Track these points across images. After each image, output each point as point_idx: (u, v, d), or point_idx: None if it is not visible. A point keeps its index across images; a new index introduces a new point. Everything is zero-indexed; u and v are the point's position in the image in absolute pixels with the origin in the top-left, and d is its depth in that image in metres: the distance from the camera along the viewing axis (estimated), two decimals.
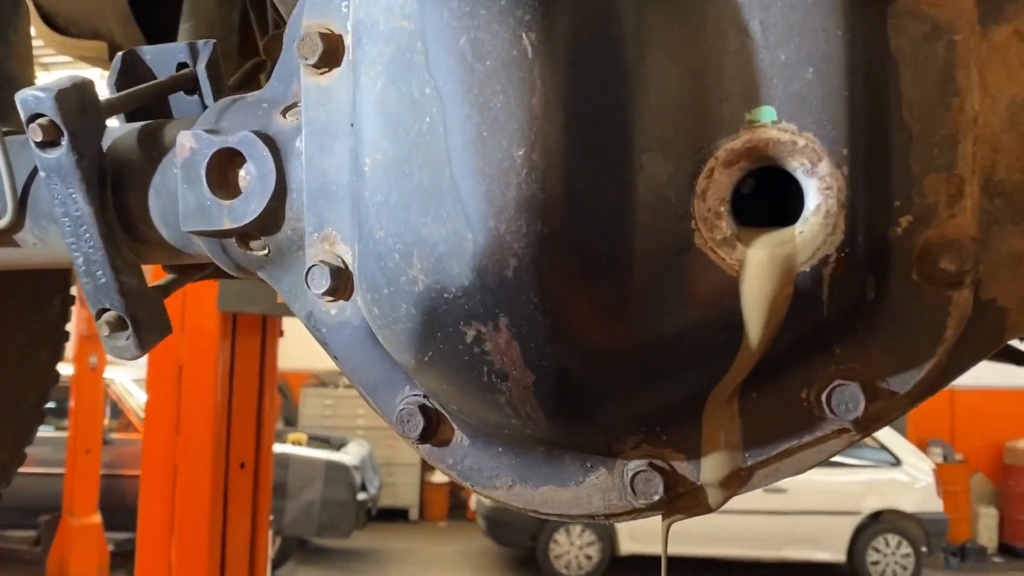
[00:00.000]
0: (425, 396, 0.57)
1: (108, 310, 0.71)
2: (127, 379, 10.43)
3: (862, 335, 0.49)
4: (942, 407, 13.13)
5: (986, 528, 12.12)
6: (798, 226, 0.46)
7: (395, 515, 12.87)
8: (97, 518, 8.86)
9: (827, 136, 0.44)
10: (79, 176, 0.67)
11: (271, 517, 4.38)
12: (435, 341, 0.49)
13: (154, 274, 0.83)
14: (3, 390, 1.37)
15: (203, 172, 0.64)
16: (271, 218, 0.63)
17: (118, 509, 9.09)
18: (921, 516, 10.36)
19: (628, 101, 0.45)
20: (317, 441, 10.97)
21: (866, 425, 0.48)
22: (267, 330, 3.81)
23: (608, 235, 0.46)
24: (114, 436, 9.76)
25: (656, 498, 0.52)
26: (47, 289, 1.43)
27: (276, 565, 9.66)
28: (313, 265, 0.59)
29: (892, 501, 10.44)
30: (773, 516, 10.15)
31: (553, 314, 0.46)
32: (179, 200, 0.65)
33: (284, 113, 0.65)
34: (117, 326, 0.72)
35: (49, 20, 1.82)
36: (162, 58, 0.79)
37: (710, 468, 0.52)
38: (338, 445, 10.93)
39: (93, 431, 8.90)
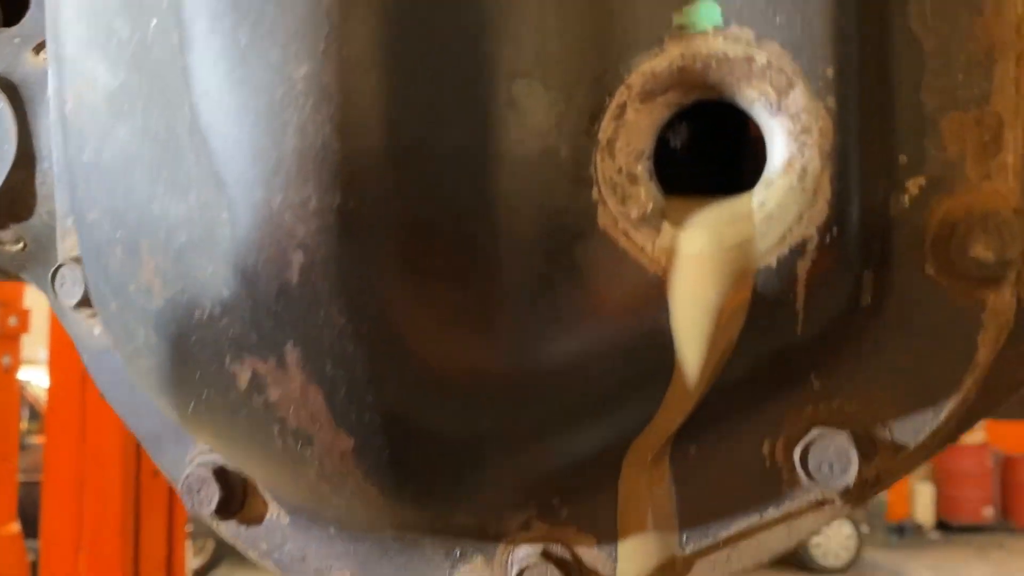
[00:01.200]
0: (215, 456, 0.39)
1: None
2: (44, 380, 9.99)
3: (852, 359, 0.32)
4: None
5: (923, 505, 12.36)
6: (758, 193, 0.29)
7: None
8: (16, 527, 8.45)
9: (802, 48, 0.28)
10: None
11: (191, 527, 4.14)
12: (195, 385, 0.31)
13: None
14: None
15: None
16: (17, 197, 0.45)
17: (37, 518, 8.69)
18: None
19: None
20: None
21: (860, 494, 0.32)
22: None
23: (458, 211, 0.28)
24: (32, 441, 9.33)
25: None
26: None
27: (210, 567, 9.34)
28: (61, 264, 0.41)
29: None
30: None
31: (371, 341, 0.28)
32: None
33: (37, 50, 0.47)
34: None
35: None
36: None
37: (631, 556, 0.35)
38: None
39: (8, 436, 8.48)
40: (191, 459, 0.41)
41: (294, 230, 0.27)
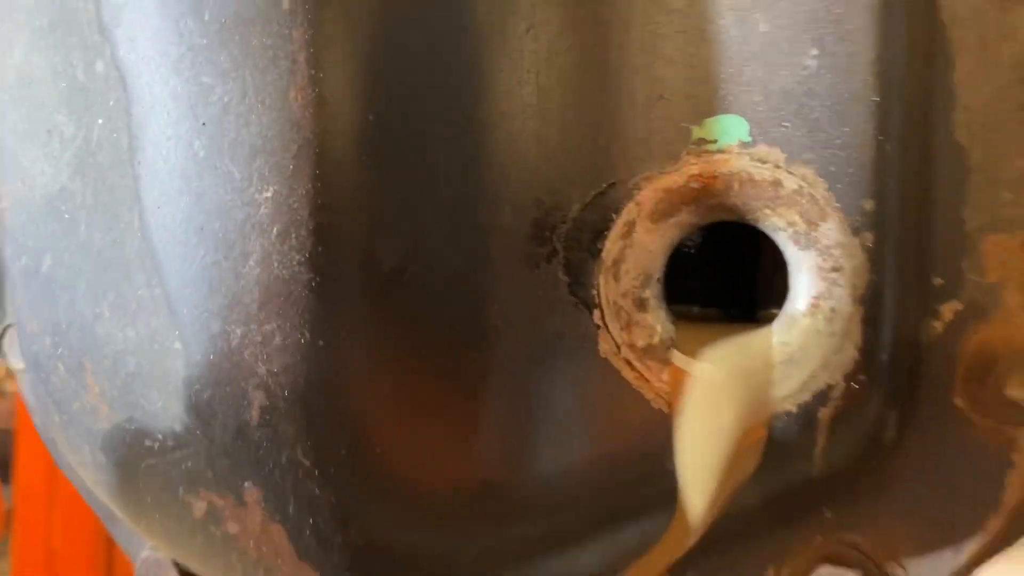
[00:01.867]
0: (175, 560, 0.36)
1: None
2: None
3: (870, 493, 0.29)
4: None
5: None
6: (778, 332, 0.26)
7: None
8: None
9: (839, 175, 0.24)
10: None
11: None
12: (147, 507, 0.28)
13: None
14: None
15: None
16: None
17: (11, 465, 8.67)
18: None
19: (464, 89, 0.24)
20: None
21: None
22: None
23: (446, 342, 0.25)
24: (6, 388, 9.28)
25: None
26: None
27: None
28: (10, 325, 0.37)
29: None
30: None
31: (339, 483, 0.25)
32: None
33: None
34: None
35: None
36: None
37: None
38: None
39: None
40: (148, 546, 0.38)
41: (254, 368, 0.23)
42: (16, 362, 0.38)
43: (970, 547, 0.29)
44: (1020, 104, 0.28)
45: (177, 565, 0.37)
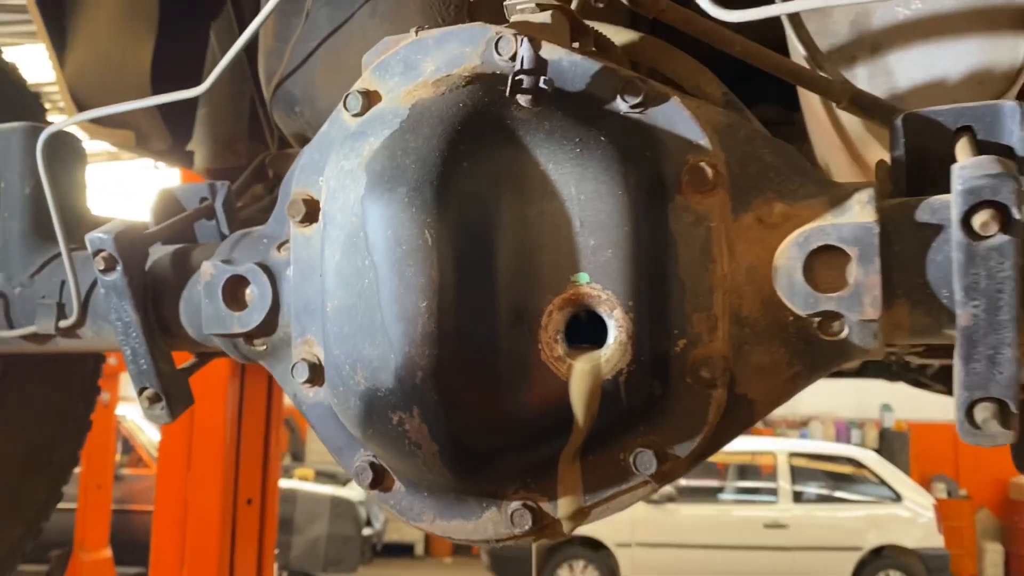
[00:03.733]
0: (374, 456, 0.82)
1: (148, 388, 0.96)
2: (138, 415, 10.62)
3: (656, 418, 0.73)
4: (945, 443, 13.23)
5: (991, 564, 12.18)
6: (603, 351, 0.71)
7: (401, 550, 12.93)
8: (108, 553, 9.04)
9: (620, 293, 0.70)
10: (129, 293, 0.92)
11: (276, 551, 4.57)
12: (373, 422, 0.74)
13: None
14: (46, 439, 1.62)
15: (219, 292, 0.89)
16: (268, 325, 0.89)
17: (128, 544, 9.27)
18: (922, 551, 10.39)
19: (495, 271, 0.70)
20: (324, 476, 11.12)
21: (661, 478, 0.73)
22: None
23: (482, 356, 0.71)
24: (125, 472, 9.97)
25: (527, 528, 0.76)
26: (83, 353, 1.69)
27: None
28: (297, 362, 0.84)
29: (894, 536, 10.49)
30: (774, 552, 10.20)
31: (447, 407, 0.71)
32: (202, 310, 0.91)
33: (279, 248, 0.91)
34: (154, 399, 0.97)
35: (80, 105, 2.09)
36: (188, 194, 1.05)
37: (563, 507, 0.76)
38: (344, 481, 11.08)
39: (105, 466, 9.09)
40: (356, 459, 0.83)
41: (419, 364, 0.70)
42: (300, 379, 0.85)
43: (698, 439, 0.72)
44: (703, 263, 0.72)
45: (371, 467, 0.82)
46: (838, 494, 10.86)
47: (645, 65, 0.97)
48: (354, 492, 10.23)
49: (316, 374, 0.83)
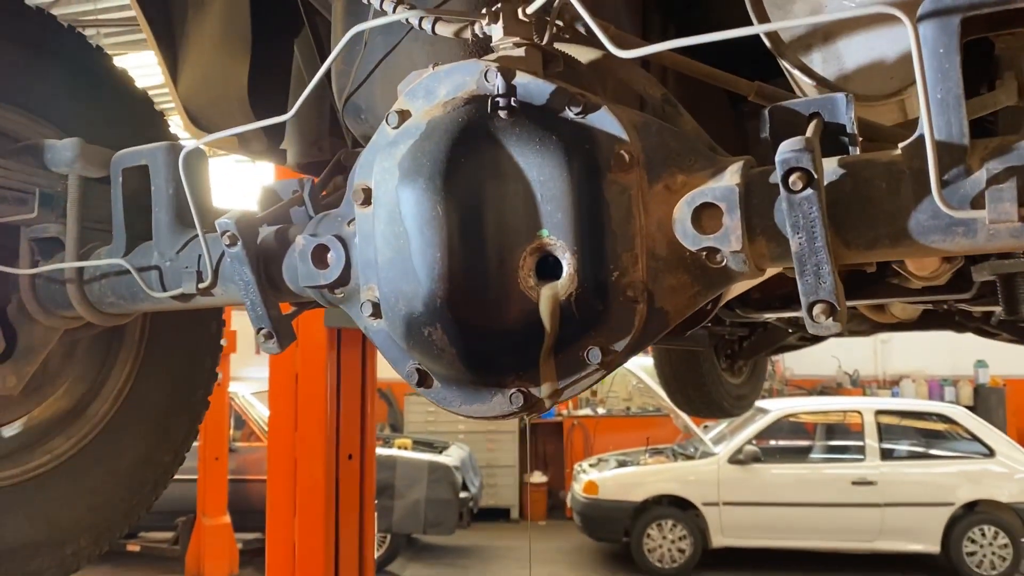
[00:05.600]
0: (418, 363, 1.19)
1: (263, 328, 1.36)
2: (248, 393, 11.39)
3: (601, 326, 1.07)
4: None
5: None
6: (560, 281, 1.05)
7: (497, 514, 13.47)
8: (227, 519, 9.86)
9: (568, 241, 1.04)
10: (247, 261, 1.31)
11: (376, 515, 5.05)
12: (412, 336, 1.11)
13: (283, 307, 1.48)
14: (186, 382, 2.06)
15: (309, 256, 1.27)
16: (344, 278, 1.26)
17: (244, 511, 10.06)
18: (1018, 506, 10.29)
19: (485, 230, 1.06)
20: (421, 445, 11.71)
21: (606, 366, 1.07)
22: (366, 341, 4.52)
23: (479, 286, 1.06)
24: (238, 445, 10.76)
25: (521, 405, 1.12)
26: (208, 313, 2.12)
27: (386, 562, 10.47)
28: (363, 302, 1.22)
29: (988, 491, 10.41)
30: (863, 508, 10.27)
31: (458, 322, 1.07)
32: (298, 271, 1.29)
33: (348, 224, 1.28)
34: (268, 336, 1.36)
35: (195, 121, 2.52)
36: (284, 188, 1.44)
37: (544, 390, 1.11)
38: (440, 449, 11.63)
39: (220, 440, 9.89)
40: (408, 366, 1.20)
41: (439, 294, 1.06)
42: (366, 314, 1.22)
43: (628, 339, 1.06)
44: (627, 219, 1.05)
45: (417, 371, 1.19)
46: (928, 450, 10.82)
47: (610, 76, 1.30)
48: (450, 458, 10.76)
49: (376, 310, 1.20)
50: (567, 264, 1.05)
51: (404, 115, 1.17)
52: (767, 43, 1.44)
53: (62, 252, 1.55)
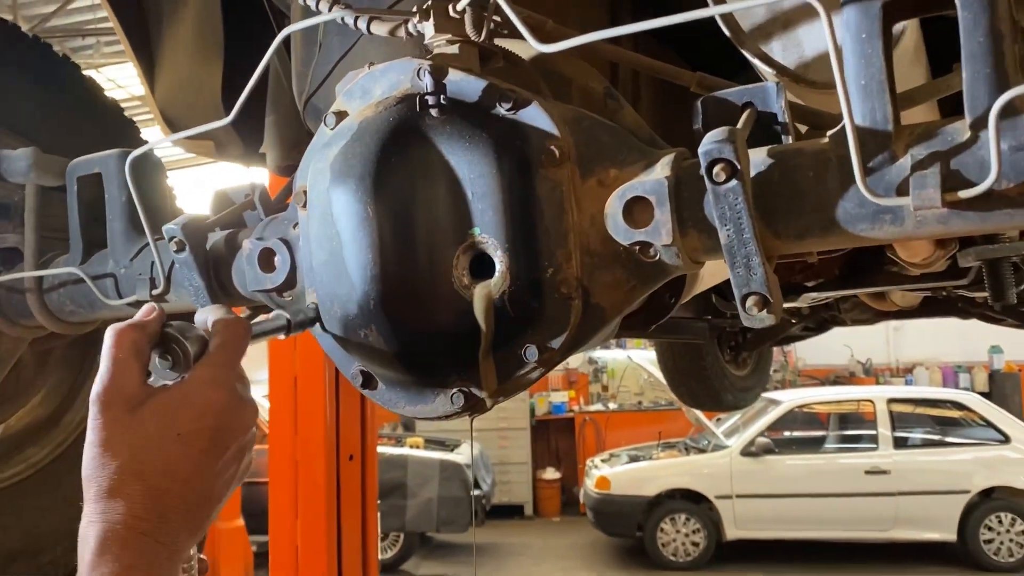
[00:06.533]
0: (362, 365, 1.18)
1: None
2: (259, 395, 11.40)
3: (537, 324, 1.06)
4: None
5: None
6: (493, 279, 1.04)
7: (510, 511, 13.45)
8: (240, 522, 9.90)
9: (500, 239, 1.03)
10: (195, 266, 1.31)
11: (381, 515, 5.05)
12: (350, 339, 1.10)
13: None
14: None
15: (256, 260, 1.26)
16: (290, 282, 1.25)
17: (258, 514, 10.08)
18: None
19: (416, 230, 1.05)
20: (432, 444, 11.71)
21: (544, 364, 1.06)
22: None
23: (412, 287, 1.05)
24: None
25: (462, 406, 1.10)
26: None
27: (400, 561, 10.50)
28: (308, 305, 1.21)
29: (1004, 478, 10.32)
30: (877, 498, 10.20)
31: (395, 324, 1.06)
32: (245, 275, 1.28)
33: (294, 227, 1.27)
34: None
35: (172, 127, 2.52)
36: (236, 192, 1.43)
37: (485, 390, 1.10)
38: (452, 447, 11.64)
39: None
40: (352, 368, 1.20)
41: (371, 296, 1.05)
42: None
43: (564, 336, 1.05)
44: (560, 215, 1.04)
45: (361, 373, 1.18)
46: (943, 438, 10.73)
47: (555, 70, 1.28)
48: (461, 456, 10.77)
49: (318, 314, 1.19)
50: (500, 262, 1.04)
51: (341, 116, 1.16)
52: (726, 32, 1.42)
53: (22, 262, 1.56)
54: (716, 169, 0.91)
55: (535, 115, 1.05)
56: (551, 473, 13.51)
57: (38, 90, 1.85)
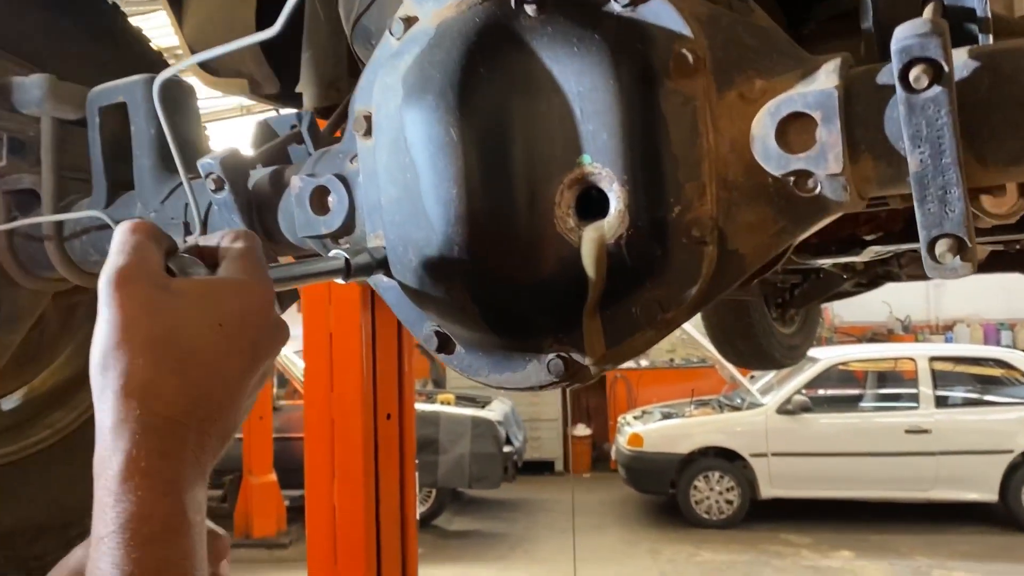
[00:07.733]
0: (438, 325, 0.99)
1: None
2: (290, 351, 11.37)
3: (659, 274, 0.86)
4: None
5: None
6: (607, 220, 0.84)
7: (541, 467, 13.42)
8: (273, 477, 9.91)
9: (616, 169, 0.82)
10: (236, 207, 1.12)
11: (419, 471, 4.93)
12: (426, 294, 0.91)
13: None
14: None
15: (307, 201, 1.07)
16: (348, 226, 1.06)
17: (290, 469, 10.09)
18: None
19: (512, 158, 0.84)
20: (464, 400, 11.64)
21: (665, 325, 0.86)
22: None
23: (506, 230, 0.85)
24: (282, 403, 10.78)
25: (562, 374, 0.91)
26: None
27: (432, 516, 10.48)
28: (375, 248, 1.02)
29: None
30: (917, 457, 10.00)
31: (481, 275, 0.86)
32: (295, 218, 1.09)
33: (351, 160, 1.07)
34: None
35: (204, 66, 2.32)
36: (281, 123, 1.23)
37: (589, 355, 0.91)
38: (483, 403, 11.56)
39: (264, 399, 9.89)
40: (425, 328, 1.00)
41: (456, 241, 0.85)
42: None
43: (695, 289, 0.85)
44: (692, 138, 0.83)
45: (436, 335, 0.99)
46: (985, 397, 10.47)
47: None
48: (493, 413, 10.69)
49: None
50: (615, 198, 0.83)
51: (410, 21, 0.95)
52: None
53: (40, 206, 1.37)
54: (915, 71, 0.70)
55: (660, 10, 0.83)
56: (582, 430, 13.40)
57: (53, 18, 1.65)
